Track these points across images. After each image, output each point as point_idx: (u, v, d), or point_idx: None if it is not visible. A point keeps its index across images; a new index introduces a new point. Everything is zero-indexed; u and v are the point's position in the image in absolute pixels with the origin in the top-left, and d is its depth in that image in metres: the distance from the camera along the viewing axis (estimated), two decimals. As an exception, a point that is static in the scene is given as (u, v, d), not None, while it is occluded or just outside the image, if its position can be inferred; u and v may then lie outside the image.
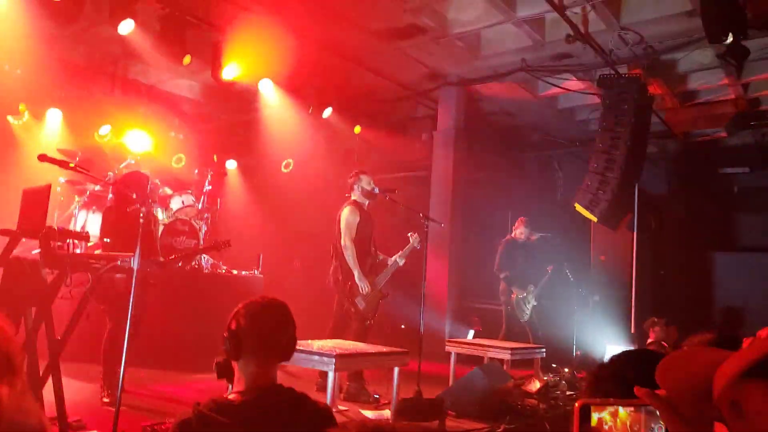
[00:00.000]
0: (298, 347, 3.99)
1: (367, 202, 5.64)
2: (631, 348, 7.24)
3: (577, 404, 0.90)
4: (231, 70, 7.29)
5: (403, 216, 6.52)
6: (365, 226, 5.53)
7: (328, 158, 9.24)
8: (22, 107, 7.95)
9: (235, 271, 7.20)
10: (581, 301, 7.71)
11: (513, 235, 7.61)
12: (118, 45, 7.72)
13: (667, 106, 9.05)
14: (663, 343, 6.86)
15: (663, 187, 10.58)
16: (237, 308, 2.04)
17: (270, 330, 2.01)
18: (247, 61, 7.56)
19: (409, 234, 5.71)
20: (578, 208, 7.30)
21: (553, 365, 7.23)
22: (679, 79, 8.45)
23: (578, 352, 7.47)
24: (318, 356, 4.04)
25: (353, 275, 5.35)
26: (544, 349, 6.48)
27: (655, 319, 7.21)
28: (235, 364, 2.02)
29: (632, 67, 7.61)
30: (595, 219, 7.29)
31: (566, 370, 7.03)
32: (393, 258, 5.65)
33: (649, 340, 7.12)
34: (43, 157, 3.68)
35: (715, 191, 10.32)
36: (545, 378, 6.34)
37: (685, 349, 0.88)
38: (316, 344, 4.42)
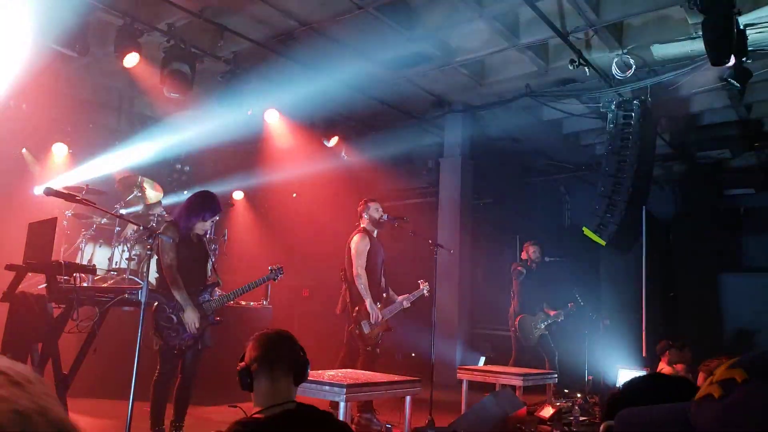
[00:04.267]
0: (308, 378, 3.97)
1: (376, 231, 5.64)
2: (643, 373, 7.12)
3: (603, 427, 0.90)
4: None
5: (412, 243, 6.49)
6: (375, 255, 5.52)
7: (335, 186, 9.25)
8: (24, 152, 8.00)
9: (243, 303, 7.14)
10: (592, 326, 7.59)
11: (528, 260, 7.45)
12: (124, 78, 7.81)
13: (671, 128, 9.07)
14: (675, 366, 6.75)
15: (670, 210, 10.52)
16: (246, 345, 2.17)
17: (272, 345, 2.12)
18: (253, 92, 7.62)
19: (419, 281, 5.69)
20: (586, 232, 7.24)
21: (566, 390, 7.10)
22: (683, 102, 8.48)
23: (590, 377, 7.34)
24: (329, 386, 3.96)
25: (362, 300, 5.31)
26: (556, 375, 6.37)
27: (668, 343, 7.09)
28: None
29: (636, 91, 7.64)
30: (603, 243, 7.22)
31: (579, 395, 6.90)
32: (400, 298, 5.61)
33: (661, 365, 7.00)
34: (49, 191, 3.66)
35: (722, 213, 10.27)
36: (558, 404, 6.22)
37: (640, 407, 0.85)
38: (327, 374, 4.34)
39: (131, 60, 6.46)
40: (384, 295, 5.60)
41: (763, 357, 0.66)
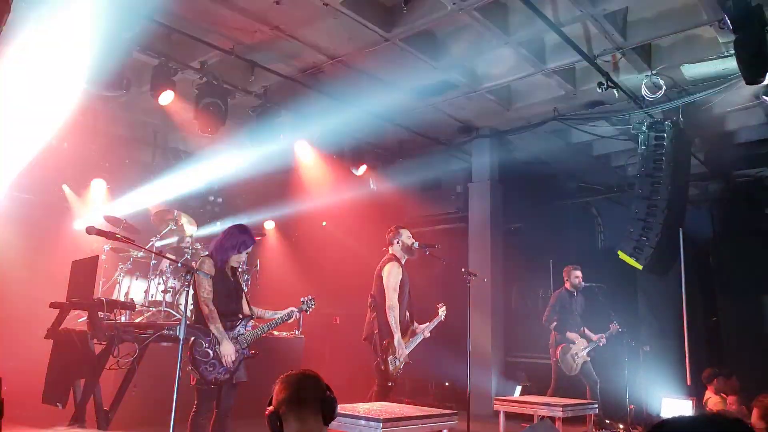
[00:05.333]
0: (343, 411, 3.95)
1: (405, 258, 5.55)
2: (688, 403, 6.86)
3: None
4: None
5: (443, 269, 6.44)
6: (404, 285, 5.42)
7: (364, 215, 9.29)
8: (66, 189, 8.27)
9: (276, 333, 7.17)
10: (631, 353, 7.38)
11: (568, 285, 7.30)
12: (158, 115, 8.04)
13: (706, 147, 8.90)
14: (722, 395, 6.51)
15: (707, 231, 10.26)
16: (272, 388, 2.20)
17: (297, 387, 2.14)
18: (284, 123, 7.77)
19: (438, 305, 5.56)
20: (622, 256, 7.10)
21: (607, 421, 6.90)
22: (717, 121, 8.32)
23: (632, 407, 7.12)
24: (364, 420, 3.92)
25: (390, 332, 5.21)
26: (597, 405, 6.18)
27: (715, 370, 6.84)
28: None
29: (667, 111, 7.53)
30: (640, 267, 7.06)
31: (621, 426, 6.70)
32: (420, 329, 5.47)
33: (708, 394, 6.75)
34: (91, 230, 3.78)
35: (763, 232, 9.96)
36: (600, 436, 6.04)
37: None
38: (362, 407, 4.30)
39: (166, 98, 6.64)
40: (411, 327, 5.51)
41: None
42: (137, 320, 6.23)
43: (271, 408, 2.13)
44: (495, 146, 9.23)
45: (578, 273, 7.21)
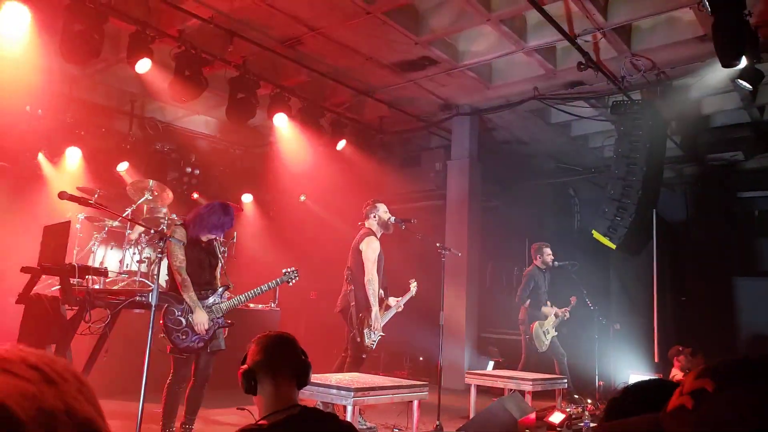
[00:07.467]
0: (316, 380, 4.00)
1: (381, 232, 5.57)
2: (649, 378, 7.06)
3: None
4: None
5: (419, 245, 6.48)
6: (380, 259, 5.46)
7: (342, 190, 9.27)
8: (40, 155, 8.11)
9: (252, 305, 7.19)
10: (602, 330, 7.54)
11: (539, 262, 7.39)
12: (136, 84, 7.90)
13: (682, 130, 9.02)
14: (687, 371, 6.70)
15: (681, 213, 10.45)
16: (248, 347, 2.17)
17: (275, 350, 2.12)
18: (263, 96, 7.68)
19: (410, 281, 5.61)
20: (596, 235, 7.21)
21: (576, 396, 7.07)
22: (694, 104, 8.43)
23: (601, 383, 7.29)
24: (336, 389, 3.99)
25: (367, 306, 5.25)
26: (566, 380, 6.34)
27: (680, 348, 7.04)
28: (257, 399, 2.12)
29: (645, 93, 7.60)
30: (613, 246, 7.19)
31: (589, 401, 6.86)
32: (393, 303, 5.53)
33: (674, 371, 6.95)
34: (63, 195, 3.72)
35: (735, 216, 10.18)
36: (568, 409, 6.18)
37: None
38: (334, 378, 4.36)
39: (143, 66, 6.52)
40: (385, 301, 5.56)
41: (726, 365, 0.68)
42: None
43: (245, 366, 2.10)
44: (475, 124, 9.25)
45: (549, 250, 7.31)
